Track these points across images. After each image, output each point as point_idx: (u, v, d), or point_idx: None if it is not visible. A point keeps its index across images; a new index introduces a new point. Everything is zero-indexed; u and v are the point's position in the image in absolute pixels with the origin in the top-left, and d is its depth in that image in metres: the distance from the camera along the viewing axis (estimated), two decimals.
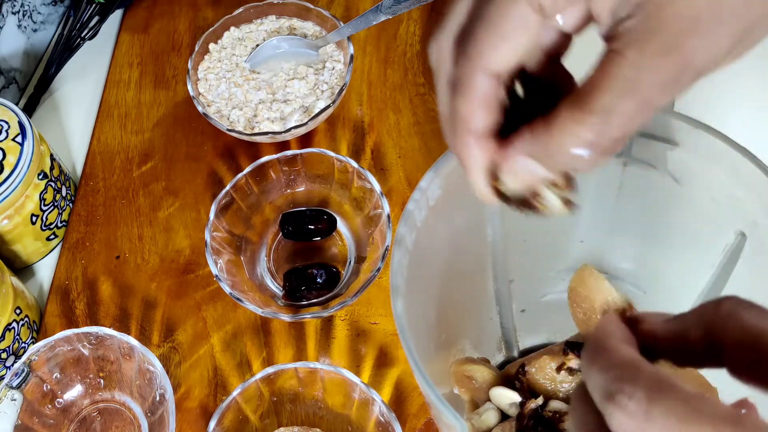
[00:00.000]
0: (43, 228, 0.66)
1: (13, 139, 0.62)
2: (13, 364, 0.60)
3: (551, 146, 0.28)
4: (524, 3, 0.29)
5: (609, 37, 0.28)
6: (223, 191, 0.62)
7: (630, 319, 0.28)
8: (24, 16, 0.78)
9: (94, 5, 0.77)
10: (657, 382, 0.23)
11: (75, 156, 0.74)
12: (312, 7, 0.73)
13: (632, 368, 0.23)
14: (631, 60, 0.27)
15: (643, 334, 0.27)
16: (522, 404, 0.47)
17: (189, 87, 0.69)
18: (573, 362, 0.45)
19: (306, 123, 0.66)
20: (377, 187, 0.61)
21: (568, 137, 0.28)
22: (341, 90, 0.67)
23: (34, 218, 0.65)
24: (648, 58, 0.26)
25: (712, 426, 0.21)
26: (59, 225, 0.68)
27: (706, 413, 0.21)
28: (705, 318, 0.25)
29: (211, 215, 0.61)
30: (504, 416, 0.49)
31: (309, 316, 0.58)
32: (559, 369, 0.47)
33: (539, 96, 0.32)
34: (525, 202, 0.32)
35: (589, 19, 0.29)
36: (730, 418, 0.21)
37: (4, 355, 0.60)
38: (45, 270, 0.68)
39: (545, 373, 0.49)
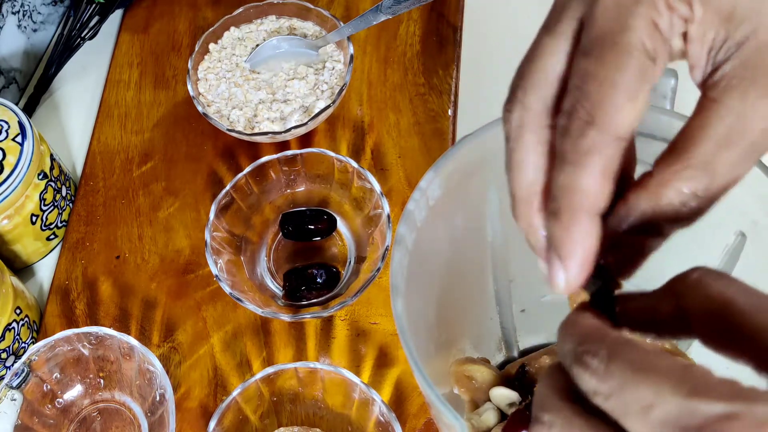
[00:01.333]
0: (43, 228, 0.66)
1: (13, 139, 0.62)
2: (13, 364, 0.60)
3: (657, 208, 0.26)
4: (639, 51, 0.25)
5: (706, 84, 0.26)
6: (223, 191, 0.62)
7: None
8: (24, 16, 0.78)
9: (94, 5, 0.77)
10: (619, 342, 0.24)
11: (75, 156, 0.74)
12: (312, 7, 0.73)
13: (598, 333, 0.25)
14: (731, 107, 0.25)
15: (619, 313, 0.28)
16: (522, 403, 0.47)
17: (189, 87, 0.69)
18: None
19: (306, 123, 0.66)
20: (377, 187, 0.61)
21: (673, 193, 0.26)
22: (341, 90, 0.67)
23: (34, 218, 0.65)
24: (751, 104, 0.25)
25: (657, 377, 0.22)
26: (59, 225, 0.68)
27: (656, 366, 0.22)
28: (674, 288, 0.25)
29: (211, 215, 0.61)
30: (504, 416, 0.49)
31: (309, 316, 0.58)
32: None
33: None
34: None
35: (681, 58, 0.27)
36: (677, 370, 0.22)
37: (4, 355, 0.60)
38: (45, 270, 0.68)
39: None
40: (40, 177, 0.64)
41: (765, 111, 0.25)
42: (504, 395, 0.48)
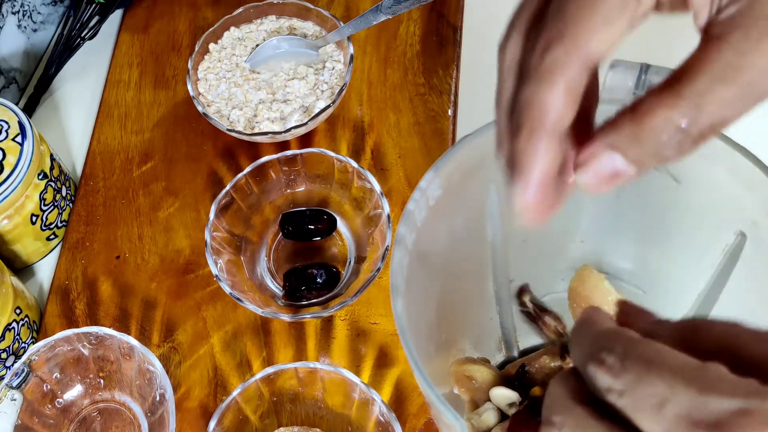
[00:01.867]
0: (43, 228, 0.66)
1: (13, 139, 0.62)
2: (13, 364, 0.60)
3: (639, 133, 0.26)
4: None
5: (708, 25, 0.26)
6: (223, 191, 0.62)
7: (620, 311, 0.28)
8: (24, 16, 0.78)
9: (94, 5, 0.77)
10: (634, 340, 0.23)
11: (75, 156, 0.74)
12: (312, 7, 0.73)
13: (613, 332, 0.24)
14: (734, 43, 0.25)
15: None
16: (521, 404, 0.47)
17: (189, 87, 0.69)
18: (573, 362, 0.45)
19: (306, 123, 0.66)
20: (377, 187, 0.61)
21: (659, 121, 0.25)
22: (341, 90, 0.67)
23: (34, 218, 0.65)
24: (753, 41, 0.25)
25: (672, 373, 0.21)
26: (59, 225, 0.68)
27: (671, 362, 0.22)
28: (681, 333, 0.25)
29: (211, 215, 0.61)
30: (504, 416, 0.49)
31: (309, 316, 0.58)
32: (558, 369, 0.47)
33: None
34: None
35: (678, 9, 0.27)
36: (693, 367, 0.22)
37: (4, 355, 0.60)
38: (45, 270, 0.68)
39: (545, 373, 0.49)
40: (40, 177, 0.64)
41: (766, 49, 0.25)
42: (504, 395, 0.48)
